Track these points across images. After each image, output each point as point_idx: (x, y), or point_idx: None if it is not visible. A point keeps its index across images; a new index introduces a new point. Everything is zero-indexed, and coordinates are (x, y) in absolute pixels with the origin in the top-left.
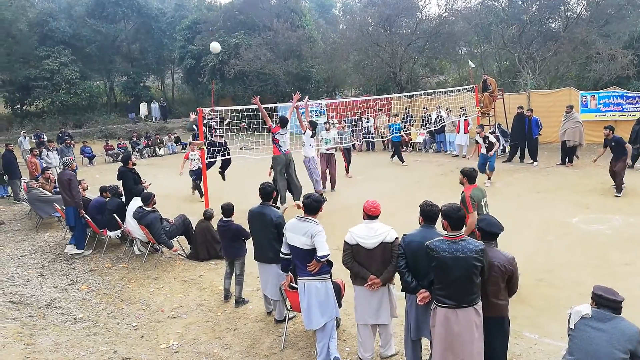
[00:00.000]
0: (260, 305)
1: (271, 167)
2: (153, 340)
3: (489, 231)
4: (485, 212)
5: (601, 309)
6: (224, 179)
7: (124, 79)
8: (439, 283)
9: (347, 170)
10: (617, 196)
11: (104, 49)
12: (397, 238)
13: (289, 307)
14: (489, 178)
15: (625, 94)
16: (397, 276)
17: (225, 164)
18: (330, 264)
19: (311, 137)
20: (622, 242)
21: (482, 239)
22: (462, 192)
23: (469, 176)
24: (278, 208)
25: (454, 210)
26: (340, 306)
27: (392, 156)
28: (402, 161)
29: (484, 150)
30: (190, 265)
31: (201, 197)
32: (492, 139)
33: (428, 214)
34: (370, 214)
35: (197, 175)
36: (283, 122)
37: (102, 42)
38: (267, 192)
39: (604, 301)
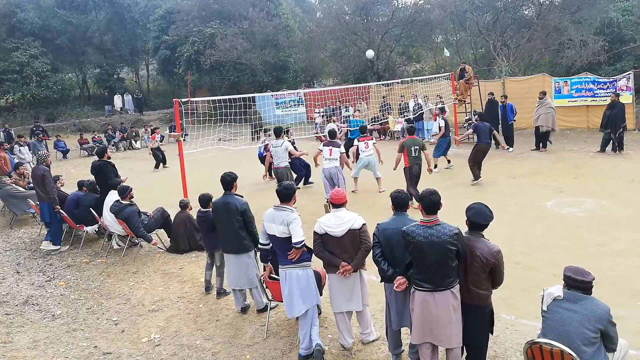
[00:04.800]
0: None
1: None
2: (134, 334)
3: (474, 222)
4: (414, 156)
5: (572, 290)
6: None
7: (97, 71)
8: (416, 267)
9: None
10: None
11: (75, 40)
12: (364, 224)
13: (270, 298)
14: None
15: (596, 80)
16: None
17: None
18: (310, 251)
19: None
20: (595, 224)
21: (469, 228)
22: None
23: (408, 130)
24: (241, 196)
25: (427, 194)
26: (321, 294)
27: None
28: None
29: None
30: (171, 258)
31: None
32: (441, 123)
33: (397, 201)
34: (336, 203)
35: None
36: (277, 132)
37: (73, 34)
38: (228, 182)
39: (573, 282)
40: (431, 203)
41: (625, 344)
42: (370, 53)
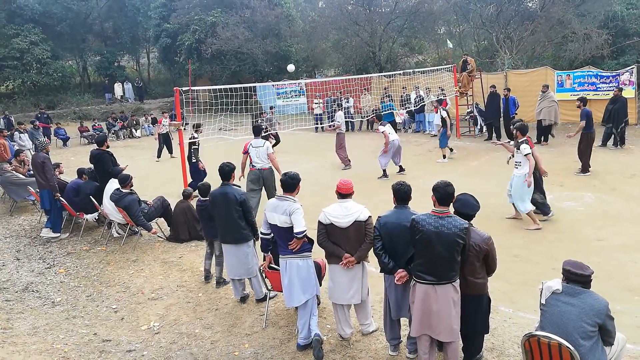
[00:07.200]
0: None
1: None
2: (134, 322)
3: (463, 213)
4: None
5: (571, 284)
6: None
7: (98, 58)
8: (420, 258)
9: None
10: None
11: (76, 27)
12: (370, 217)
13: (269, 288)
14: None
15: (599, 73)
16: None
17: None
18: (311, 241)
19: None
20: (595, 218)
21: None
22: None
23: (522, 129)
24: (239, 187)
25: (442, 185)
26: (320, 285)
27: None
28: None
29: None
30: (170, 247)
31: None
32: (443, 114)
33: (399, 193)
34: (343, 192)
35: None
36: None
37: (74, 20)
38: (226, 172)
39: (572, 276)
40: (446, 194)
41: (622, 338)
42: (291, 67)
